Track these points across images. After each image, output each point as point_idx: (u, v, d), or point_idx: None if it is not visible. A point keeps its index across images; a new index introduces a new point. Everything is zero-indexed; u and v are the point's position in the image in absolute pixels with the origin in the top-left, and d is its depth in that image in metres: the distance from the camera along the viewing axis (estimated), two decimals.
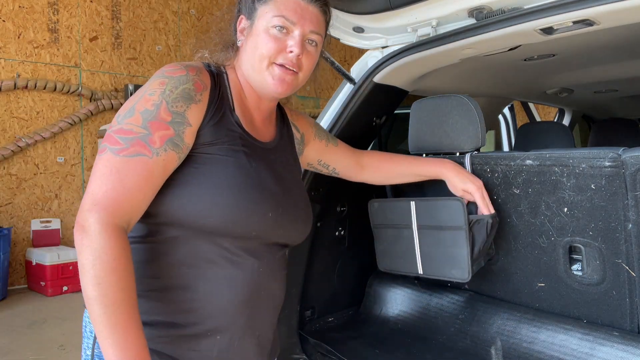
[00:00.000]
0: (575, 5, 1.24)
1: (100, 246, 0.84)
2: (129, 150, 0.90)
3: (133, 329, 0.85)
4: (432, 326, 1.80)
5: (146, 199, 0.92)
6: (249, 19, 1.10)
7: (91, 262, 0.84)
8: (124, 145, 0.90)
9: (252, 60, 1.08)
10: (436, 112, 1.63)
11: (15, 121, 5.16)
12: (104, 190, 0.88)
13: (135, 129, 0.92)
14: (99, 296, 0.83)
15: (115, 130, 0.92)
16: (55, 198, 5.44)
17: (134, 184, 0.90)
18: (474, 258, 1.47)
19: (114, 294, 0.84)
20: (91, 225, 0.85)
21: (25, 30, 5.21)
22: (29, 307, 4.51)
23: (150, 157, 0.91)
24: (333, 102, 1.88)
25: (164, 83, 0.97)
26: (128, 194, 0.89)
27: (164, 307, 0.98)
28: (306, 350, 1.79)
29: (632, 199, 1.27)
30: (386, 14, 1.69)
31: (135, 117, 0.93)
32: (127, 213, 0.89)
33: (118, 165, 0.89)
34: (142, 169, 0.90)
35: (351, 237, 2.03)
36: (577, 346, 1.42)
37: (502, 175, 1.51)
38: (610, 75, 2.29)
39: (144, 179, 0.91)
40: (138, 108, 0.94)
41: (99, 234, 0.85)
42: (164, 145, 0.93)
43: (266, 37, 1.06)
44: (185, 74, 0.99)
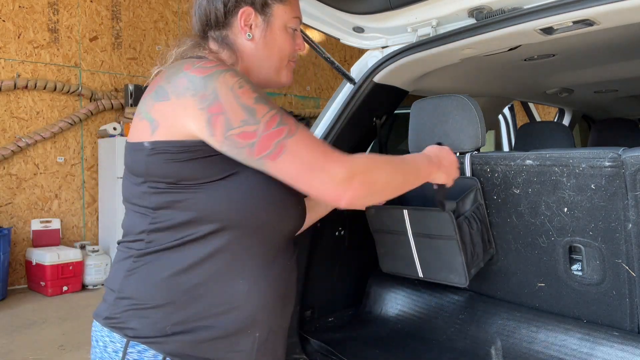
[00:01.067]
0: (575, 5, 1.24)
1: (369, 164, 0.99)
2: (292, 125, 0.93)
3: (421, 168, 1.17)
4: (432, 326, 1.79)
5: None
6: (262, 14, 1.08)
7: (385, 173, 1.02)
8: (285, 125, 0.92)
9: (269, 57, 1.10)
10: (436, 112, 1.63)
11: (15, 121, 5.16)
12: (322, 151, 0.93)
13: (272, 112, 0.92)
14: (403, 169, 1.10)
15: (265, 128, 0.90)
16: (55, 198, 5.44)
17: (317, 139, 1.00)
18: (470, 263, 1.48)
19: (400, 162, 1.09)
20: (351, 168, 0.94)
21: (25, 30, 5.21)
22: (29, 307, 4.51)
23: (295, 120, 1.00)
24: (333, 102, 1.88)
25: (233, 75, 0.94)
26: (324, 144, 0.99)
27: (203, 311, 0.97)
28: (306, 350, 1.79)
29: (632, 199, 1.27)
30: (386, 14, 1.69)
31: (259, 108, 0.91)
32: None
33: (304, 136, 0.94)
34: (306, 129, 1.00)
35: (351, 237, 2.03)
36: (577, 346, 1.42)
37: (502, 175, 1.51)
38: (610, 75, 2.29)
39: None
40: (250, 102, 0.91)
41: (370, 175, 0.97)
42: None
43: (287, 37, 1.11)
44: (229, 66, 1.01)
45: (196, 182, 0.93)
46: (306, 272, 1.85)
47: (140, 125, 0.97)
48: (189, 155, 0.92)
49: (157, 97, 0.95)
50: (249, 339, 1.01)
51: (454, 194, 1.59)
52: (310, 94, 8.16)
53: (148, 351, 0.95)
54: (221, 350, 0.99)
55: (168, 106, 0.93)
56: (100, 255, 5.26)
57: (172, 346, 0.95)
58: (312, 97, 8.18)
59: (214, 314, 0.97)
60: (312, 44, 1.70)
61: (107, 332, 0.98)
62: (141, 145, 0.95)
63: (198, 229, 0.95)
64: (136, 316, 0.96)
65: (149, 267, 0.97)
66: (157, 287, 0.96)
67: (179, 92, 0.92)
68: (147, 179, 0.95)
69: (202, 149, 0.92)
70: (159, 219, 0.96)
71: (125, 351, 0.96)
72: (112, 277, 1.03)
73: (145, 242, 0.98)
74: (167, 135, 0.92)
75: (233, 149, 0.91)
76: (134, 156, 0.97)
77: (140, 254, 0.98)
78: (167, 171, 0.93)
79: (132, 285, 0.98)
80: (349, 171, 0.93)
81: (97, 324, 1.01)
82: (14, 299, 4.74)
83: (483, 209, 1.56)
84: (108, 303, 1.01)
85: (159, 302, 0.96)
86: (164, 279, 0.96)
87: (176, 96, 0.92)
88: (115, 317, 0.98)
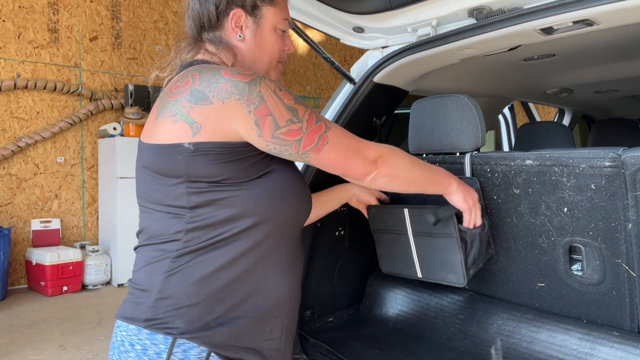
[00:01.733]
0: (575, 5, 1.24)
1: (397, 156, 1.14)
2: (327, 122, 1.05)
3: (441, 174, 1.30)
4: (432, 326, 1.80)
5: None
6: (252, 16, 1.13)
7: (408, 160, 1.18)
8: (323, 121, 1.04)
9: (261, 59, 1.15)
10: (436, 112, 1.63)
11: (15, 121, 5.17)
12: (356, 140, 1.08)
13: (309, 112, 1.02)
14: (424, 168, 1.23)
15: (308, 124, 1.00)
16: (55, 198, 5.44)
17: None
18: (469, 264, 1.48)
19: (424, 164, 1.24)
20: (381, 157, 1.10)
21: (25, 30, 5.21)
22: (29, 307, 4.51)
23: None
24: (333, 102, 1.88)
25: (271, 80, 1.01)
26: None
27: (242, 303, 1.03)
28: (306, 350, 1.79)
29: (632, 199, 1.27)
30: (386, 14, 1.70)
31: (299, 107, 1.01)
32: None
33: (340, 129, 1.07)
34: None
35: (351, 237, 2.03)
36: (577, 346, 1.42)
37: (502, 175, 1.51)
38: (610, 75, 2.29)
39: None
40: (291, 103, 1.00)
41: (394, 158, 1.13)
42: None
43: (276, 38, 1.15)
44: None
45: (238, 181, 0.99)
46: (306, 272, 1.85)
47: (175, 127, 0.97)
48: (232, 156, 0.98)
49: (196, 100, 0.97)
50: (279, 326, 1.09)
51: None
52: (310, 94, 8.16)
53: (193, 349, 0.98)
54: (258, 338, 1.05)
55: (212, 110, 0.96)
56: (100, 255, 5.26)
57: (216, 339, 1.00)
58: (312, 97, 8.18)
59: (250, 305, 1.03)
60: (312, 44, 1.70)
61: (146, 334, 0.99)
62: (180, 147, 0.97)
63: (236, 225, 1.00)
64: (179, 315, 0.99)
65: (189, 266, 1.00)
66: (199, 284, 0.99)
67: (224, 97, 0.96)
68: (188, 179, 0.98)
69: (244, 149, 0.99)
70: (197, 218, 0.99)
71: (171, 350, 0.97)
72: (145, 278, 1.03)
73: (182, 241, 1.00)
74: (211, 137, 0.96)
75: (280, 146, 0.99)
76: (168, 157, 0.99)
77: (179, 254, 1.00)
78: (211, 171, 0.97)
79: (174, 286, 0.99)
80: (376, 152, 1.10)
81: (132, 327, 1.01)
82: (14, 299, 4.74)
83: (484, 210, 1.56)
84: (146, 305, 1.01)
85: (201, 298, 0.99)
86: (205, 276, 1.00)
87: (220, 100, 0.95)
88: (157, 318, 0.99)
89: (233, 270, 1.01)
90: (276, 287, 1.07)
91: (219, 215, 0.99)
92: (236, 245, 1.01)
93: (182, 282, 0.99)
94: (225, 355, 1.01)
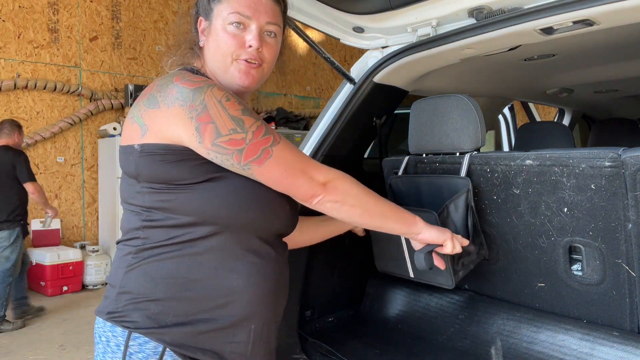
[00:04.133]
0: (575, 5, 1.24)
1: (350, 184, 1.10)
2: (276, 135, 1.04)
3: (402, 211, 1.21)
4: (432, 326, 1.79)
5: None
6: (207, 19, 1.14)
7: (363, 193, 1.12)
8: (271, 135, 1.03)
9: (216, 59, 1.13)
10: (436, 112, 1.63)
11: None
12: (304, 158, 1.07)
13: (257, 123, 1.02)
14: (386, 207, 1.18)
15: (254, 136, 1.00)
16: (55, 198, 5.44)
17: None
18: (458, 268, 1.47)
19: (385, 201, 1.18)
20: (331, 180, 1.07)
21: (25, 30, 5.21)
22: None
23: None
24: (333, 102, 1.88)
25: (220, 88, 1.01)
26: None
27: (201, 305, 1.02)
28: (306, 350, 1.78)
29: (632, 199, 1.27)
30: (386, 14, 1.69)
31: (246, 119, 1.00)
32: None
33: (289, 144, 1.05)
34: None
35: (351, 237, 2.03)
36: (577, 346, 1.42)
37: (502, 175, 1.50)
38: (610, 75, 2.29)
39: None
40: (237, 113, 1.00)
41: (344, 183, 1.09)
42: None
43: (225, 35, 1.11)
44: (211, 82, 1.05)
45: (185, 183, 1.00)
46: (306, 272, 1.85)
47: (131, 129, 1.03)
48: (175, 157, 0.99)
49: (149, 104, 1.02)
50: (245, 331, 1.07)
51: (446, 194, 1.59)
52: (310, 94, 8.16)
53: (149, 343, 1.00)
54: (219, 342, 1.04)
55: (158, 113, 1.00)
56: (100, 255, 5.26)
57: (172, 337, 1.00)
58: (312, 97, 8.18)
59: (211, 308, 1.03)
60: (312, 44, 1.70)
61: (109, 326, 1.03)
62: (132, 148, 1.02)
63: (189, 230, 1.01)
64: (137, 309, 1.01)
65: (147, 262, 1.02)
66: (156, 282, 1.01)
67: (169, 102, 0.99)
68: (139, 179, 1.02)
69: (188, 152, 1.00)
70: (151, 217, 1.02)
71: (127, 343, 1.00)
72: (113, 274, 1.08)
73: (141, 238, 1.03)
74: (156, 139, 0.99)
75: (221, 155, 0.98)
76: (125, 158, 1.04)
77: (138, 249, 1.03)
78: (156, 172, 1.00)
79: (133, 280, 1.03)
80: (326, 176, 1.07)
81: (100, 320, 1.05)
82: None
83: (474, 212, 1.54)
84: (110, 299, 1.05)
85: (158, 295, 1.01)
86: (162, 274, 1.01)
87: (166, 105, 0.99)
88: (117, 311, 1.03)
89: (192, 272, 1.01)
90: (241, 292, 1.05)
91: (171, 217, 1.01)
92: (191, 249, 1.01)
93: (140, 278, 1.02)
94: (181, 352, 1.01)
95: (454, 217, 1.52)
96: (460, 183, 1.54)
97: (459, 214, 1.51)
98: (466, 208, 1.52)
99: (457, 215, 1.52)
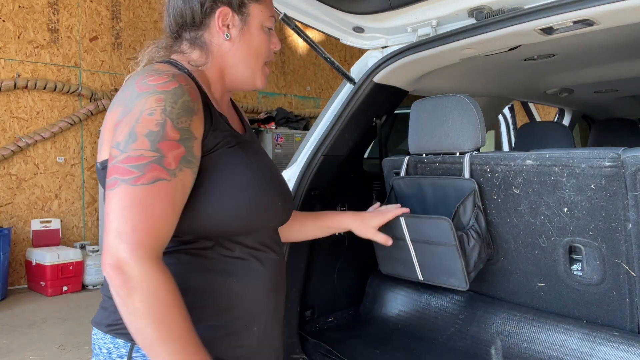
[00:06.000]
0: (575, 5, 1.24)
1: (153, 285, 0.82)
2: (145, 177, 0.84)
3: (202, 354, 0.86)
4: (432, 326, 1.79)
5: (173, 223, 0.89)
6: (240, 15, 1.08)
7: (148, 303, 0.81)
8: (139, 173, 0.84)
9: (247, 57, 1.09)
10: (436, 112, 1.63)
11: (15, 121, 5.16)
12: (131, 225, 0.82)
13: (145, 154, 0.85)
14: (164, 335, 0.82)
15: (123, 160, 0.85)
16: (55, 198, 5.44)
17: (162, 211, 0.85)
18: (470, 269, 1.49)
19: (178, 329, 0.83)
20: (132, 266, 0.81)
21: (25, 30, 5.21)
22: (29, 307, 4.51)
23: (169, 179, 0.87)
24: (333, 102, 1.88)
25: (161, 100, 0.90)
26: (157, 223, 0.85)
27: (201, 312, 0.97)
28: (306, 350, 1.78)
29: (632, 199, 1.27)
30: (386, 14, 1.70)
31: (141, 142, 0.86)
32: (161, 242, 0.87)
33: (139, 196, 0.84)
34: (165, 194, 0.86)
35: (351, 237, 2.02)
36: (577, 346, 1.42)
37: (502, 175, 1.50)
38: (610, 75, 2.29)
39: (169, 204, 0.86)
40: (140, 131, 0.87)
41: (147, 274, 0.81)
42: (179, 164, 0.89)
43: (264, 37, 1.10)
44: (178, 86, 0.93)
45: None
46: (306, 272, 1.85)
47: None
48: None
49: (109, 109, 0.97)
50: (249, 334, 1.03)
51: (451, 196, 1.59)
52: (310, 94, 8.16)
53: None
54: (225, 348, 1.00)
55: (107, 116, 0.96)
56: (100, 255, 5.26)
57: None
58: (312, 97, 8.17)
59: (213, 315, 0.99)
60: (312, 44, 1.70)
61: (110, 338, 0.99)
62: (96, 167, 0.98)
63: (181, 239, 0.97)
64: None
65: None
66: None
67: (117, 103, 0.94)
68: None
69: None
70: None
71: (130, 355, 0.96)
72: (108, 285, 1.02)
73: None
74: (107, 154, 0.92)
75: None
76: (99, 176, 1.00)
77: None
78: None
79: None
80: (126, 261, 0.81)
81: (99, 331, 1.01)
82: (14, 299, 4.74)
83: (482, 212, 1.55)
84: (109, 310, 1.00)
85: None
86: None
87: (115, 106, 0.94)
88: (118, 323, 0.97)
89: (189, 280, 0.97)
90: (241, 296, 1.01)
91: None
92: (184, 258, 0.97)
93: None
94: None
95: (463, 219, 1.53)
96: (466, 185, 1.55)
97: (467, 215, 1.53)
98: (473, 209, 1.53)
99: (466, 217, 1.53)
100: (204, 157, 0.96)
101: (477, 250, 1.49)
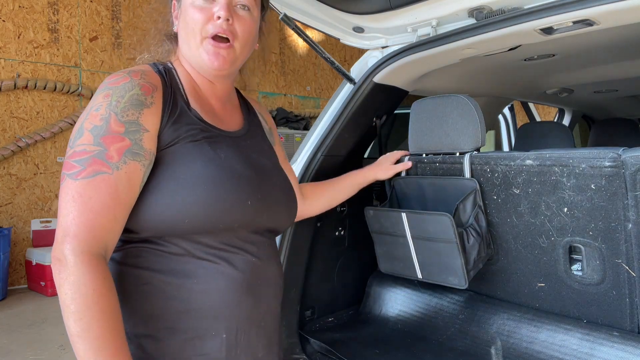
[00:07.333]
0: (575, 5, 1.24)
1: (78, 279, 0.81)
2: (86, 171, 0.86)
3: (122, 357, 0.83)
4: (432, 326, 1.80)
5: (118, 218, 0.88)
6: (178, 2, 1.09)
7: (70, 296, 0.80)
8: (80, 167, 0.86)
9: (186, 40, 1.05)
10: (436, 112, 1.63)
11: (15, 121, 5.16)
12: (70, 218, 0.84)
13: (88, 148, 0.88)
14: (81, 332, 0.80)
15: (70, 155, 0.88)
16: (55, 198, 5.44)
17: (102, 205, 0.86)
18: (470, 267, 1.49)
19: (98, 328, 0.80)
20: (66, 257, 0.82)
21: (25, 30, 5.21)
22: (29, 307, 4.51)
23: (110, 173, 0.87)
24: (333, 102, 1.88)
25: (108, 95, 0.93)
26: (98, 217, 0.85)
27: (162, 314, 0.94)
28: (306, 350, 1.78)
29: (632, 199, 1.27)
30: (386, 14, 1.70)
31: (86, 136, 0.89)
32: (102, 237, 0.86)
33: (79, 190, 0.85)
34: (106, 187, 0.86)
35: (351, 237, 2.03)
36: (577, 346, 1.42)
37: (502, 175, 1.51)
38: (610, 75, 2.29)
39: (110, 197, 0.86)
40: (86, 127, 0.90)
41: (76, 266, 0.81)
42: (123, 157, 0.89)
43: (192, 10, 1.02)
44: (129, 81, 0.95)
45: None
46: (306, 272, 1.85)
47: None
48: None
49: None
50: (215, 342, 0.96)
51: (452, 196, 1.60)
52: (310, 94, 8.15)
53: None
54: (187, 354, 0.95)
55: None
56: None
57: (137, 352, 0.93)
58: (312, 97, 8.17)
59: (173, 317, 0.94)
60: (312, 44, 1.70)
61: None
62: None
63: (139, 242, 0.95)
64: None
65: None
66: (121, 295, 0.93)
67: None
68: None
69: None
70: None
71: None
72: None
73: None
74: None
75: None
76: None
77: None
78: None
79: None
80: (63, 253, 0.83)
81: None
82: (14, 299, 4.74)
83: (482, 212, 1.56)
84: None
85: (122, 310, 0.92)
86: (125, 288, 0.94)
87: None
88: None
89: (137, 278, 0.94)
90: (203, 298, 0.95)
91: None
92: (132, 252, 0.95)
93: None
94: None
95: (463, 217, 1.54)
96: (467, 184, 1.55)
97: (467, 213, 1.53)
98: (473, 207, 1.54)
99: (466, 215, 1.53)
100: (161, 151, 0.95)
101: (476, 249, 1.50)
